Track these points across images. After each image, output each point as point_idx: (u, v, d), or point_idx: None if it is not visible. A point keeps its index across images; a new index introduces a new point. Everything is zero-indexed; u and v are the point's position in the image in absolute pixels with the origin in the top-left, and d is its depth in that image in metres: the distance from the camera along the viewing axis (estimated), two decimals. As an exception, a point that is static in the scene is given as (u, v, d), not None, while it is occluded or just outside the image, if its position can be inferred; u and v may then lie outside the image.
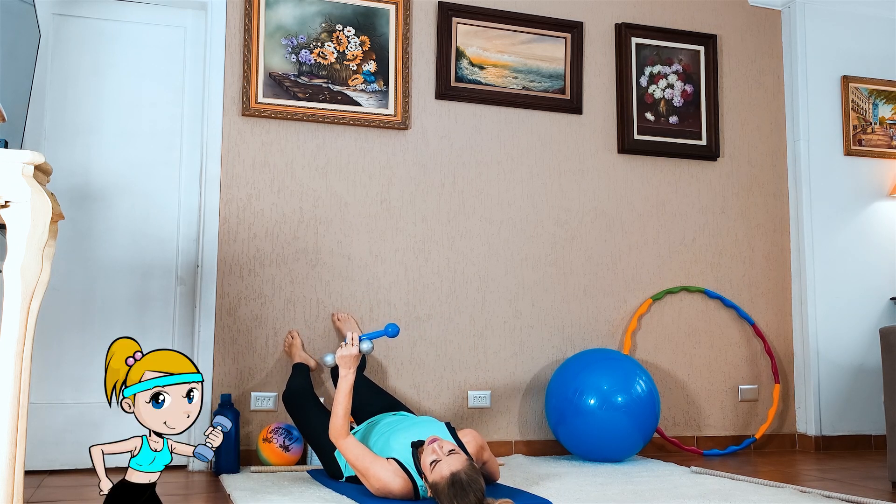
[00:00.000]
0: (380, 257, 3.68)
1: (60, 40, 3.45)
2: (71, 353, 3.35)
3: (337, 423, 2.73)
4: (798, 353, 4.24)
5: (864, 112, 4.42)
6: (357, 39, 3.73)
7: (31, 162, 1.78)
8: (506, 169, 3.91)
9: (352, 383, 2.77)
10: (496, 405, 3.78)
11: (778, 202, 4.34)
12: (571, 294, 3.94)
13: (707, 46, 4.25)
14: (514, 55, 3.95)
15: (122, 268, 3.44)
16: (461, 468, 2.40)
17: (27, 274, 1.73)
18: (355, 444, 2.69)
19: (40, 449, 3.22)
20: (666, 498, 2.74)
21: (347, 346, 2.79)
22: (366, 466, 2.63)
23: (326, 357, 2.96)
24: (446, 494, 2.35)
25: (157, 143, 3.54)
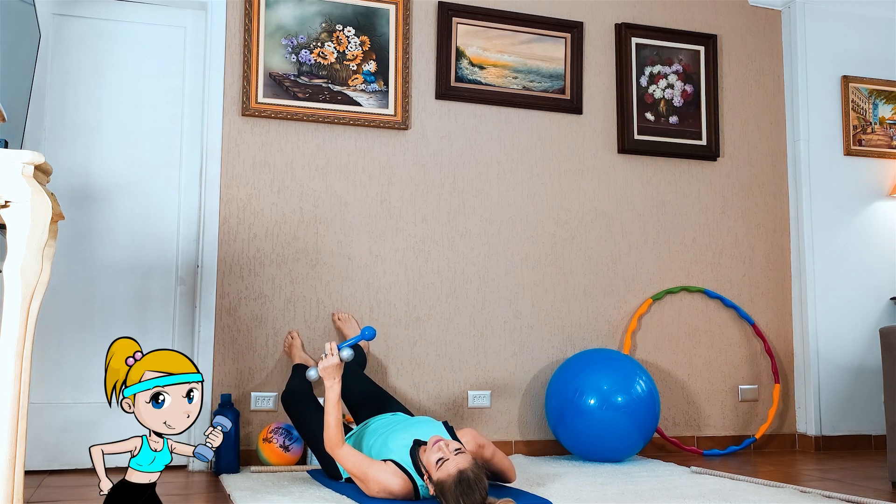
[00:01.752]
0: (380, 257, 3.68)
1: (60, 40, 3.45)
2: (71, 353, 3.35)
3: (330, 434, 2.73)
4: (798, 353, 4.24)
5: (864, 112, 4.42)
6: (357, 39, 3.73)
7: (31, 162, 1.78)
8: (506, 169, 3.91)
9: (338, 393, 2.77)
10: (496, 405, 3.78)
11: (778, 202, 4.34)
12: (571, 294, 3.94)
13: (707, 46, 4.25)
14: (514, 55, 3.95)
15: (123, 268, 3.44)
16: (468, 466, 2.40)
17: (27, 274, 1.73)
18: (351, 452, 2.70)
19: (40, 449, 3.22)
20: (666, 498, 2.74)
21: (327, 357, 2.78)
22: (364, 472, 2.63)
23: (310, 372, 2.92)
24: (452, 493, 2.36)
25: (157, 143, 3.54)
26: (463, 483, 2.35)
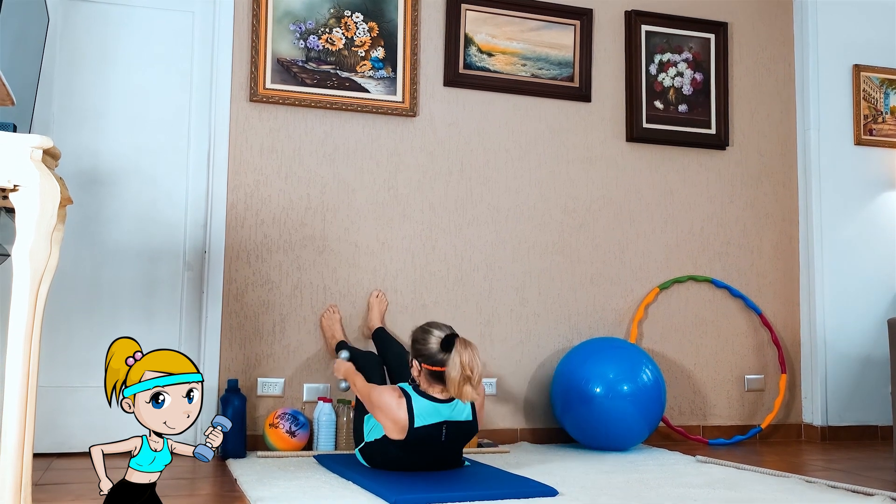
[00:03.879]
0: (387, 244, 3.68)
1: (69, 24, 3.45)
2: (79, 337, 3.36)
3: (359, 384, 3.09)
4: (805, 343, 4.23)
5: (876, 101, 4.38)
6: (365, 25, 3.71)
7: (39, 146, 1.78)
8: (514, 157, 3.90)
9: (362, 384, 3.06)
10: (502, 393, 3.78)
11: (787, 192, 4.31)
12: (578, 282, 3.94)
13: (718, 34, 4.22)
14: (523, 42, 3.93)
15: (130, 253, 3.45)
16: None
17: (36, 258, 1.74)
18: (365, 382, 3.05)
19: (49, 432, 3.24)
20: (671, 487, 2.75)
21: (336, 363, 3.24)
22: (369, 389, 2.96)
23: (341, 385, 3.36)
24: (418, 331, 2.93)
25: (164, 129, 3.54)
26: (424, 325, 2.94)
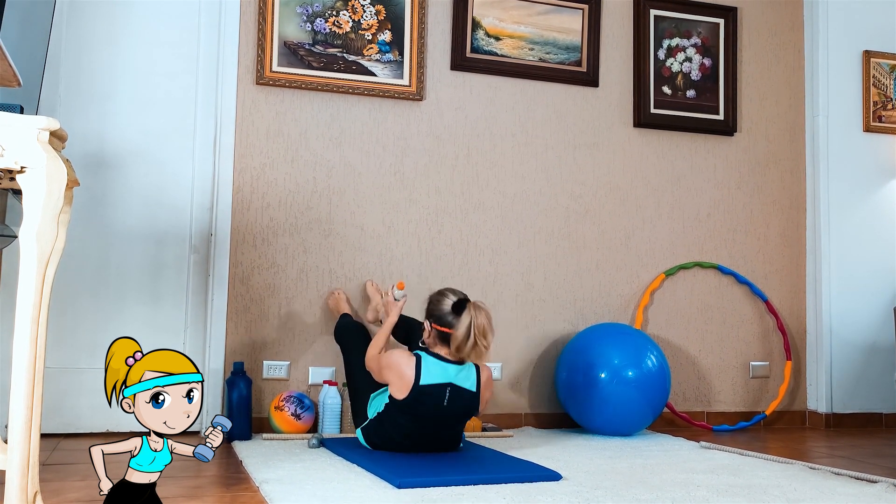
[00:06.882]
0: (392, 228, 3.68)
1: (75, 6, 3.43)
2: (86, 319, 3.38)
3: (378, 343, 3.09)
4: (811, 331, 4.22)
5: (885, 88, 4.35)
6: (372, 9, 3.70)
7: (46, 128, 1.77)
8: (520, 141, 3.89)
9: (393, 324, 3.14)
10: (507, 378, 3.79)
11: (795, 178, 4.29)
12: (584, 268, 3.93)
13: (727, 19, 4.18)
14: (531, 26, 3.90)
15: (137, 235, 3.46)
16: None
17: (43, 240, 1.74)
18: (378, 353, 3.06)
19: (56, 413, 3.26)
20: (675, 472, 2.75)
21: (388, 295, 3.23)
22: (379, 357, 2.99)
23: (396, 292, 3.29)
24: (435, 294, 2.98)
25: (171, 111, 3.54)
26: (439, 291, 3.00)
